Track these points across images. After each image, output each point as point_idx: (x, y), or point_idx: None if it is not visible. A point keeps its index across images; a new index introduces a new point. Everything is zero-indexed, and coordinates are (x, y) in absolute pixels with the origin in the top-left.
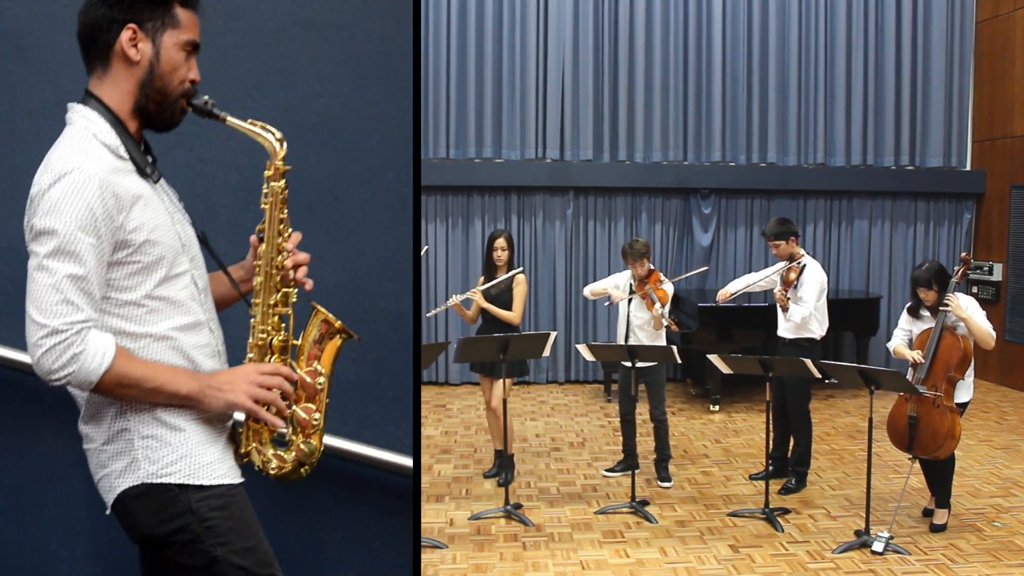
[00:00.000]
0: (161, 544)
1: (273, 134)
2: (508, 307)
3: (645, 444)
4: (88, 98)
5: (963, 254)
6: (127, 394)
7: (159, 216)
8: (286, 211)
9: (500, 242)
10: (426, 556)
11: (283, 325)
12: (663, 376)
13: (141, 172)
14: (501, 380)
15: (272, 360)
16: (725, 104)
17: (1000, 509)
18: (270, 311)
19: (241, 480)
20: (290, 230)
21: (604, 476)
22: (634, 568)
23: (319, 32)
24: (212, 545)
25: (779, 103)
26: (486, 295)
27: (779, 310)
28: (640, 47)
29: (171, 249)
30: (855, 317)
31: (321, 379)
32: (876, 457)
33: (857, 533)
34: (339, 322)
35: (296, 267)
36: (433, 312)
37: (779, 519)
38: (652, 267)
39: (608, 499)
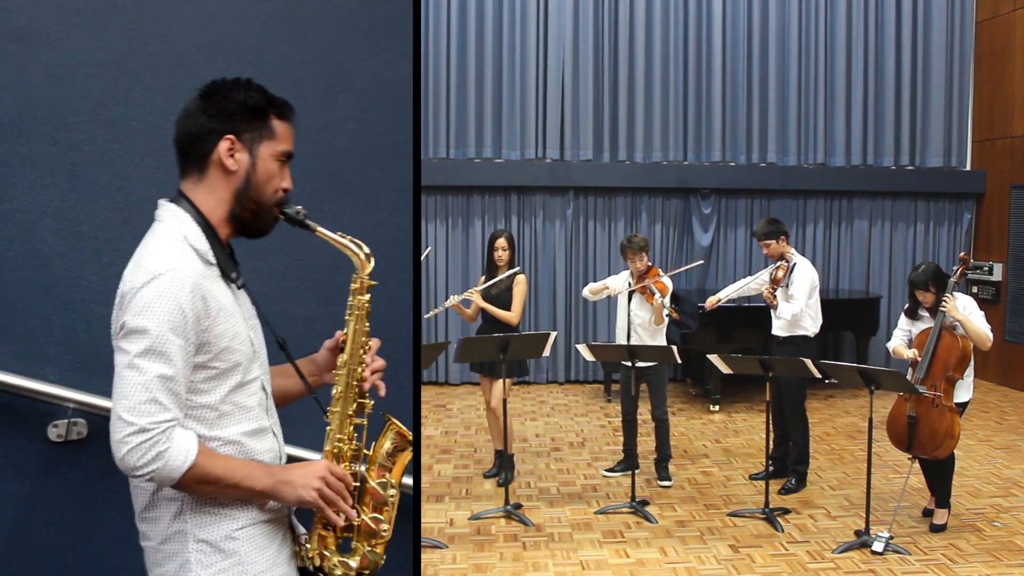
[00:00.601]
0: None
1: (362, 248)
2: (508, 307)
3: (645, 444)
4: (181, 199)
5: (962, 254)
6: (205, 491)
7: (238, 324)
8: (368, 324)
9: (501, 242)
10: (426, 556)
11: (356, 435)
12: (665, 376)
13: (226, 278)
14: (501, 380)
15: (343, 467)
16: (725, 104)
17: (1000, 509)
18: (348, 421)
19: None
20: (370, 341)
21: (604, 476)
22: (634, 568)
23: (320, 33)
24: None
25: (779, 103)
26: (485, 295)
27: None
28: (640, 47)
29: (246, 356)
30: (855, 317)
31: (392, 491)
32: (876, 457)
33: (857, 533)
34: (408, 433)
35: (375, 375)
36: (432, 313)
37: (779, 519)
38: (651, 263)
39: (608, 499)
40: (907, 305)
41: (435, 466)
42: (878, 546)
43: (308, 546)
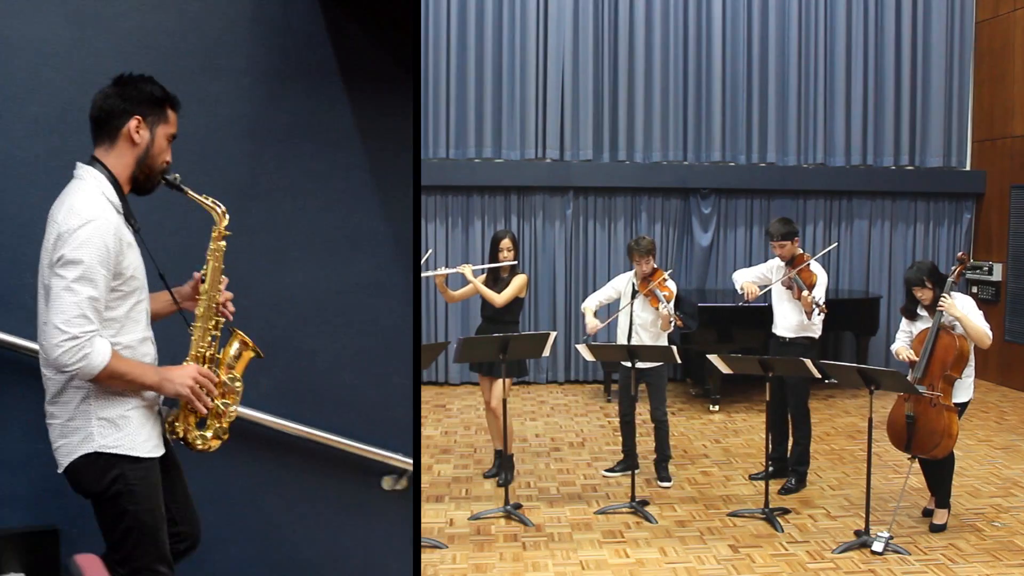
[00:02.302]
0: (95, 497)
1: (219, 207)
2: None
3: (645, 444)
4: (95, 163)
5: (960, 253)
6: (112, 383)
7: (137, 258)
8: (223, 264)
9: (505, 242)
10: (426, 556)
11: (212, 343)
12: (664, 377)
13: (129, 224)
14: (501, 380)
15: (205, 368)
16: (725, 104)
17: (1000, 509)
18: (207, 332)
19: (162, 452)
20: (224, 278)
21: (604, 476)
22: (634, 568)
23: (319, 33)
24: (129, 502)
25: (779, 103)
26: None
27: (775, 308)
28: (640, 47)
29: (141, 283)
30: (855, 317)
31: (238, 384)
32: (876, 457)
33: (857, 533)
34: (251, 342)
35: (226, 301)
36: (425, 274)
37: (779, 519)
38: (656, 266)
39: (608, 499)
40: (903, 305)
41: (435, 466)
42: (878, 546)
43: (176, 424)
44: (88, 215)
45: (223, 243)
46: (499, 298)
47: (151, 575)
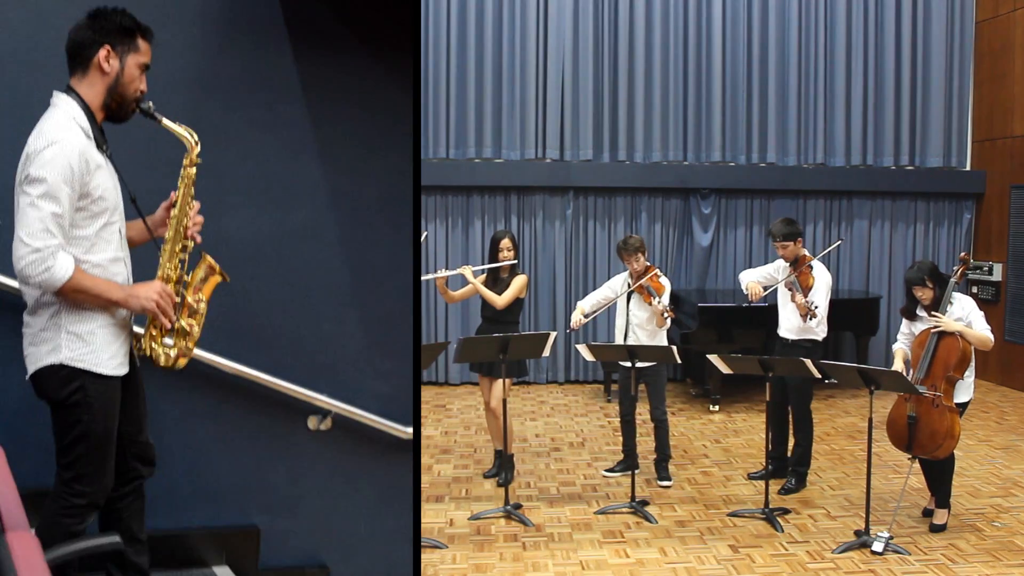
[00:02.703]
0: (54, 404)
1: (192, 135)
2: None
3: (645, 444)
4: (70, 91)
5: (962, 254)
6: (77, 297)
7: (107, 181)
8: (193, 189)
9: (505, 242)
10: (426, 556)
11: (180, 265)
12: (664, 376)
13: (99, 148)
14: (501, 380)
15: (170, 287)
16: (725, 104)
17: (1000, 509)
18: (174, 255)
19: (126, 371)
20: (195, 202)
21: (604, 476)
22: (634, 568)
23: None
24: (85, 413)
25: (779, 103)
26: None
27: (780, 309)
28: (640, 47)
29: (112, 204)
30: (855, 317)
31: (202, 304)
32: (876, 457)
33: (857, 533)
34: (218, 267)
35: (195, 226)
36: (426, 277)
37: (779, 519)
38: (648, 263)
39: (608, 499)
40: (903, 305)
41: (435, 466)
42: (878, 546)
43: (143, 340)
44: (53, 137)
45: (193, 170)
46: (500, 300)
47: (91, 482)
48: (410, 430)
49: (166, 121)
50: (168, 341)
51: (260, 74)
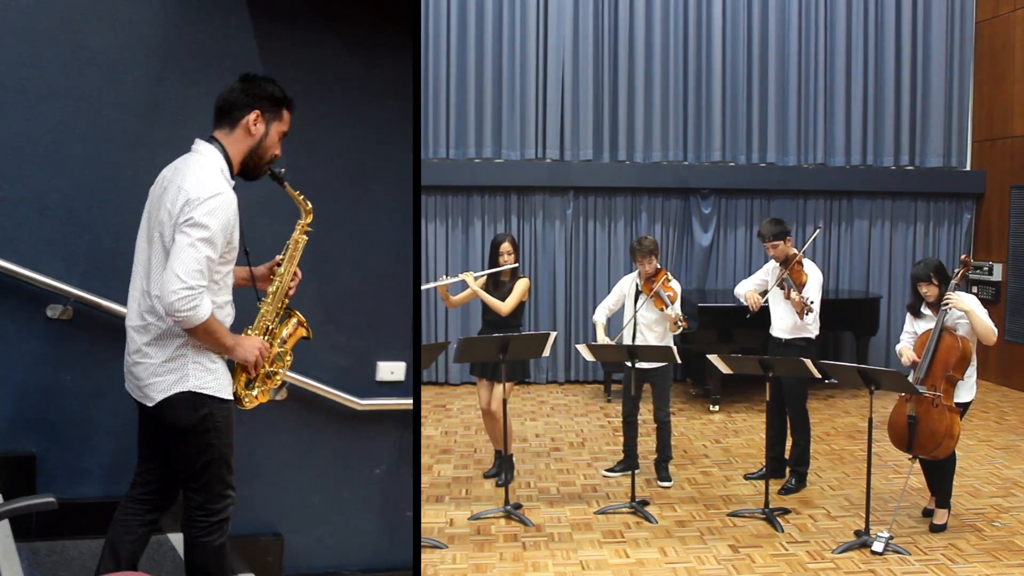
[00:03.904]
0: (187, 431)
1: (308, 204)
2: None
3: (645, 444)
4: (215, 142)
5: (963, 256)
6: (202, 338)
7: (238, 233)
8: (300, 254)
9: (505, 246)
10: (426, 556)
11: (276, 319)
12: (669, 378)
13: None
14: (500, 383)
15: (266, 338)
16: (725, 104)
17: (1000, 509)
18: (273, 309)
19: (232, 397)
20: (298, 270)
21: (604, 476)
22: (634, 568)
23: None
24: (215, 437)
25: (779, 103)
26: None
27: (772, 309)
28: (640, 47)
29: (236, 253)
30: (855, 317)
31: (288, 357)
32: (876, 457)
33: (857, 533)
34: (305, 322)
35: (294, 286)
36: (427, 286)
37: (779, 519)
38: (659, 266)
39: (608, 499)
40: (909, 302)
41: (435, 466)
42: (878, 546)
43: (232, 378)
44: (217, 188)
45: (304, 237)
46: (505, 307)
47: (223, 499)
48: (365, 401)
49: (289, 188)
50: (249, 387)
51: (219, 48)
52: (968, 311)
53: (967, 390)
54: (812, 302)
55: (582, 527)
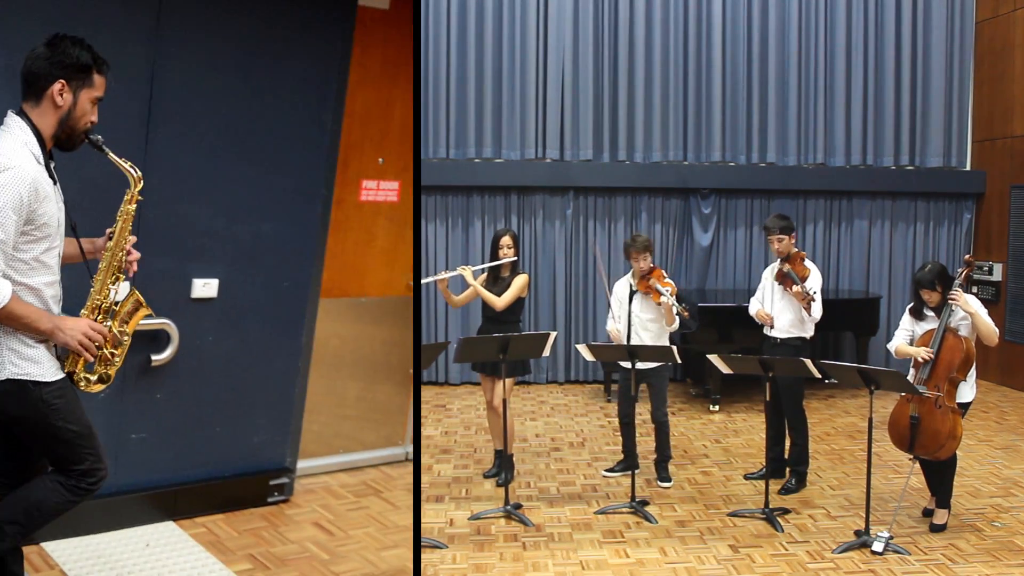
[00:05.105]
0: (24, 420)
1: (136, 171)
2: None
3: (645, 444)
4: (23, 115)
5: (967, 256)
6: (9, 323)
7: (53, 207)
8: (131, 224)
9: (506, 240)
10: (426, 556)
11: (110, 296)
12: (666, 378)
13: (48, 175)
14: (502, 380)
15: (99, 318)
16: (725, 104)
17: (1000, 509)
18: (105, 285)
19: (63, 375)
20: (131, 237)
21: (604, 476)
22: (634, 568)
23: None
24: (57, 419)
25: (779, 103)
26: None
27: (769, 308)
28: (640, 47)
29: (53, 230)
30: (855, 317)
31: (127, 337)
32: (876, 457)
33: (857, 533)
34: (144, 301)
35: (132, 261)
36: (427, 280)
37: (779, 519)
38: (654, 264)
39: (608, 499)
40: (912, 304)
41: (435, 466)
42: (878, 546)
43: (67, 362)
44: (6, 163)
45: (133, 206)
46: (500, 301)
47: (95, 474)
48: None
49: (112, 155)
50: (90, 369)
51: None
52: (973, 313)
53: (968, 390)
54: (815, 292)
55: (582, 527)
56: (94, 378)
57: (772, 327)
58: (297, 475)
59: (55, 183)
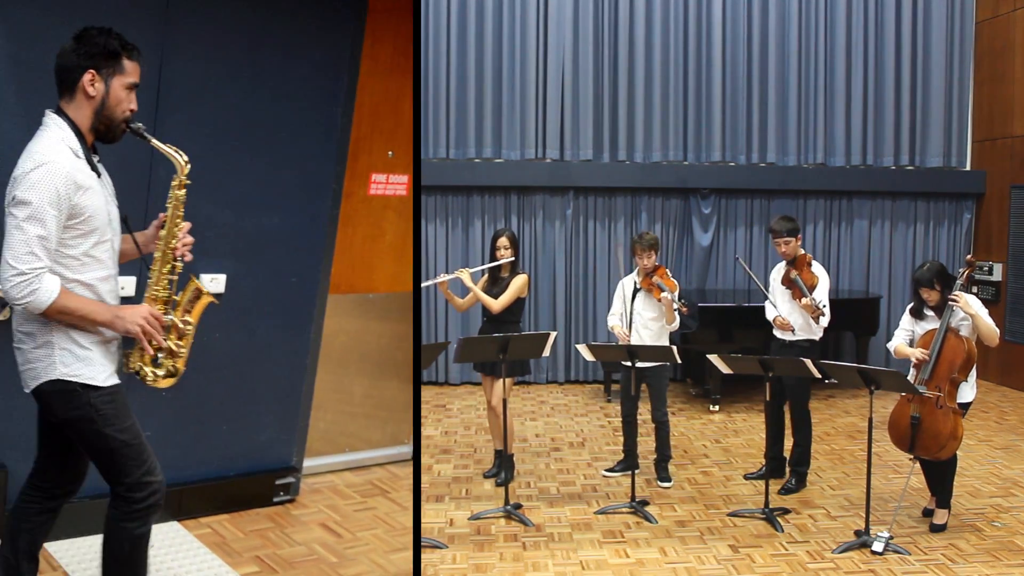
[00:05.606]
0: (70, 422)
1: (182, 156)
2: None
3: (645, 444)
4: (60, 112)
5: (968, 256)
6: (62, 318)
7: (98, 200)
8: (182, 210)
9: (503, 241)
10: (426, 556)
11: (169, 286)
12: (666, 378)
13: (91, 168)
14: (502, 379)
15: (158, 308)
16: (725, 104)
17: (1000, 509)
18: (162, 276)
19: (117, 382)
20: (183, 223)
21: (604, 476)
22: (634, 568)
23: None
24: (104, 426)
25: (779, 103)
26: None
27: (777, 309)
28: (640, 47)
29: (102, 223)
30: (855, 317)
31: (190, 327)
32: (876, 457)
33: (857, 533)
34: (206, 290)
35: (184, 247)
36: (427, 283)
37: (779, 519)
38: (658, 263)
39: (608, 499)
40: (912, 304)
41: (435, 466)
42: (878, 546)
43: (132, 358)
44: (41, 159)
45: (183, 192)
46: (496, 304)
47: (144, 487)
48: None
49: (155, 142)
50: (156, 362)
51: None
52: (973, 315)
53: (968, 390)
54: (824, 305)
55: (582, 527)
56: (161, 372)
57: (793, 333)
58: (302, 474)
59: (99, 176)
